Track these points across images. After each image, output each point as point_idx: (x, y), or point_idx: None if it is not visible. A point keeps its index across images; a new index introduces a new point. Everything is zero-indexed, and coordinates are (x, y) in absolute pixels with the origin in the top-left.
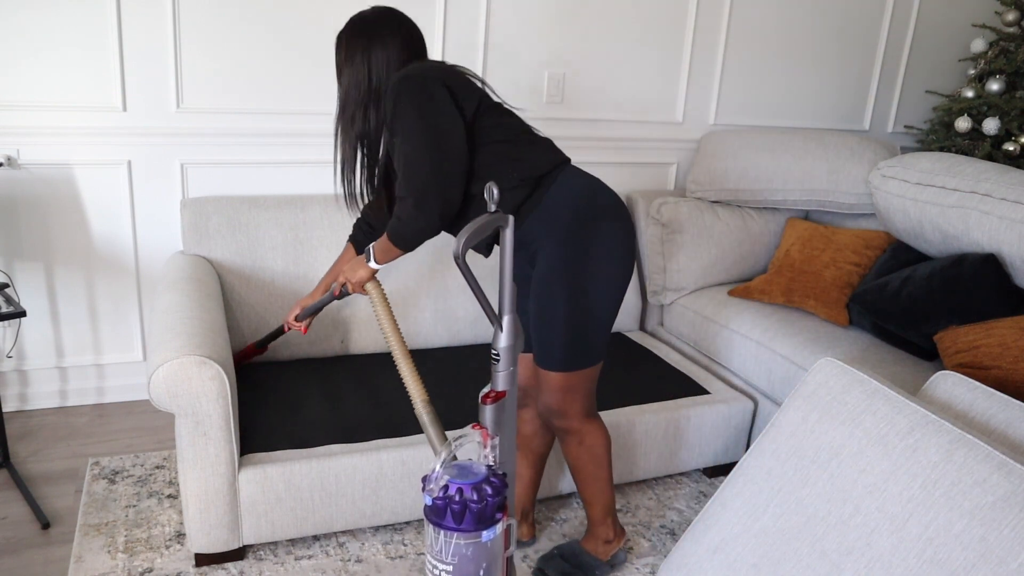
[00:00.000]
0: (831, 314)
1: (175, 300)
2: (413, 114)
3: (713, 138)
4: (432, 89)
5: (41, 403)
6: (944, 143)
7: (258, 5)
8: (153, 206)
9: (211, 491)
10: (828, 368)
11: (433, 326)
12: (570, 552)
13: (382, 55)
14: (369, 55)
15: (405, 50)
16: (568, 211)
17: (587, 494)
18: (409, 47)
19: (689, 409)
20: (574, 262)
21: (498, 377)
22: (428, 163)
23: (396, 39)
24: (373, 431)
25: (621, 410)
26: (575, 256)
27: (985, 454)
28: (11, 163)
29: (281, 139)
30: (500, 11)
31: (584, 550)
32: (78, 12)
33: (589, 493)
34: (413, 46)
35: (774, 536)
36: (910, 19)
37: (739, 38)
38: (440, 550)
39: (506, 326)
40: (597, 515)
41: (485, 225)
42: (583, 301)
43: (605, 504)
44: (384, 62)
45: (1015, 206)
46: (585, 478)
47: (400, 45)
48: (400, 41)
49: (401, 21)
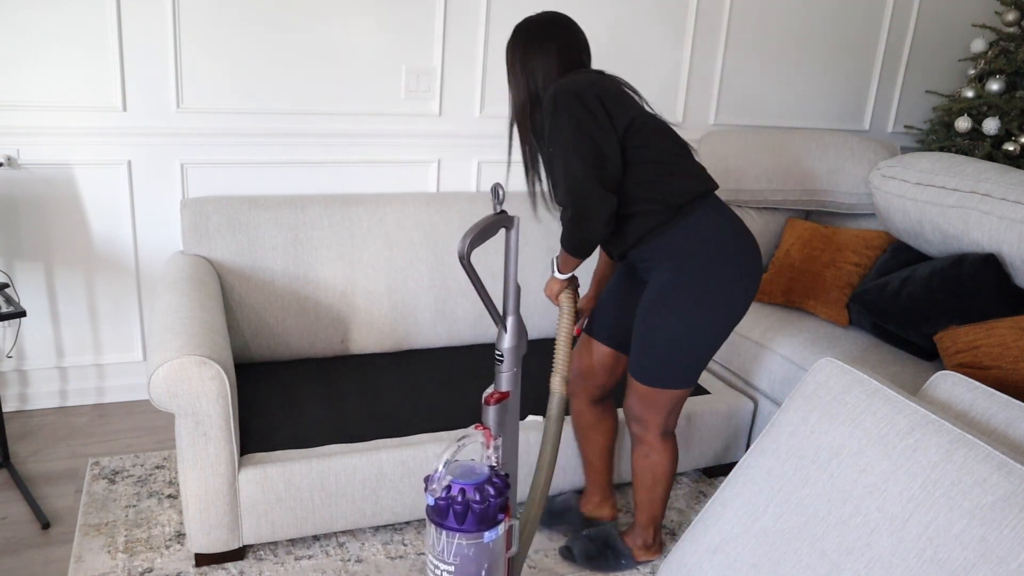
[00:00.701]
0: (831, 314)
1: (175, 300)
2: (569, 127)
3: (713, 138)
4: (588, 102)
5: (41, 403)
6: (944, 143)
7: (258, 5)
8: (153, 206)
9: (211, 491)
10: (828, 368)
11: (433, 326)
12: (601, 535)
13: (541, 62)
14: (527, 62)
15: (564, 58)
16: (697, 245)
17: (639, 499)
18: (568, 55)
19: (689, 409)
20: (688, 290)
21: (502, 378)
22: (585, 177)
23: (554, 46)
24: (373, 431)
25: (621, 410)
26: (692, 286)
27: (985, 454)
28: (11, 163)
29: (281, 139)
30: (500, 11)
31: (620, 537)
32: (78, 12)
33: (640, 499)
34: (573, 54)
35: (774, 536)
36: (910, 19)
37: (739, 38)
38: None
39: (510, 327)
40: (642, 520)
41: (490, 226)
42: (687, 329)
43: (653, 515)
44: (542, 70)
45: (1015, 206)
46: (641, 486)
47: (558, 53)
48: (557, 48)
49: (563, 28)
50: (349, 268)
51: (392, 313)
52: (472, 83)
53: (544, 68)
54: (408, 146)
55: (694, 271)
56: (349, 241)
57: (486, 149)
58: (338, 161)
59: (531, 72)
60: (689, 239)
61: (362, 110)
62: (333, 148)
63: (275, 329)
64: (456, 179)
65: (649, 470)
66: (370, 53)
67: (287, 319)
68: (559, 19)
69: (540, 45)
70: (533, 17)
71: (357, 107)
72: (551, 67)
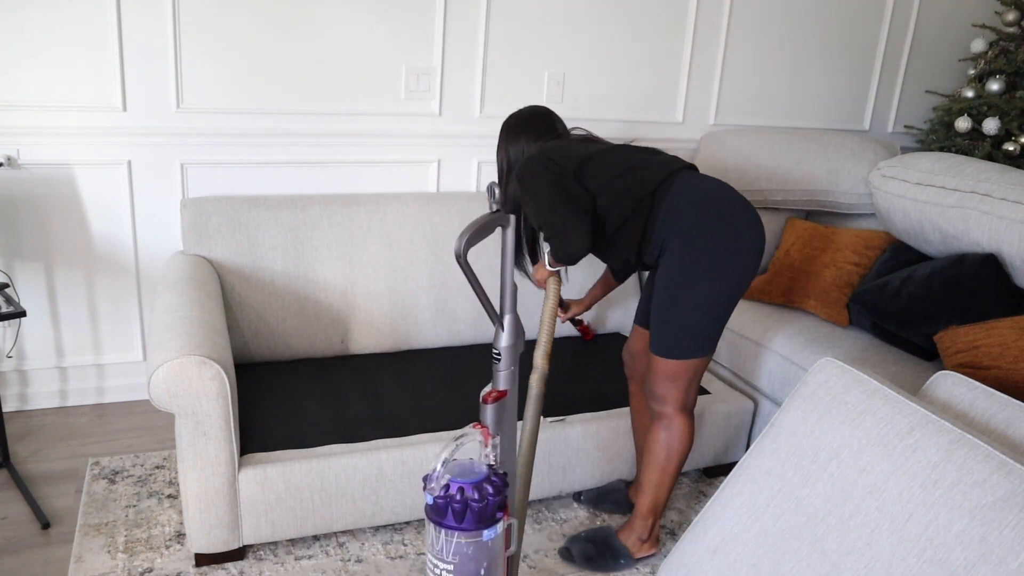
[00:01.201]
0: (831, 314)
1: (175, 300)
2: (535, 183)
3: (713, 138)
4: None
5: (41, 403)
6: (944, 143)
7: (259, 5)
8: (153, 206)
9: (211, 491)
10: (828, 368)
11: (433, 326)
12: (600, 536)
13: (519, 149)
14: (509, 149)
15: (536, 143)
16: (689, 214)
17: (644, 480)
18: (540, 139)
19: None
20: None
21: (499, 376)
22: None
23: (531, 135)
24: (373, 431)
25: (622, 410)
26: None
27: (985, 454)
28: (11, 163)
29: (281, 139)
30: (500, 11)
31: (617, 537)
32: (78, 12)
33: (647, 480)
34: (544, 137)
35: (774, 536)
36: (910, 19)
37: (739, 38)
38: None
39: (507, 325)
40: (643, 508)
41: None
42: (701, 296)
43: (655, 501)
44: (519, 154)
45: (1015, 206)
46: (651, 463)
47: (534, 140)
48: (533, 137)
49: (537, 119)
50: (349, 268)
51: (392, 313)
52: (472, 83)
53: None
54: (408, 146)
55: (691, 240)
56: (349, 241)
57: (486, 149)
58: (338, 161)
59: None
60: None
61: (362, 110)
62: (333, 148)
63: (275, 329)
64: (456, 179)
65: (664, 446)
66: (370, 53)
67: (287, 319)
68: (538, 112)
69: (519, 135)
70: (518, 112)
71: (357, 107)
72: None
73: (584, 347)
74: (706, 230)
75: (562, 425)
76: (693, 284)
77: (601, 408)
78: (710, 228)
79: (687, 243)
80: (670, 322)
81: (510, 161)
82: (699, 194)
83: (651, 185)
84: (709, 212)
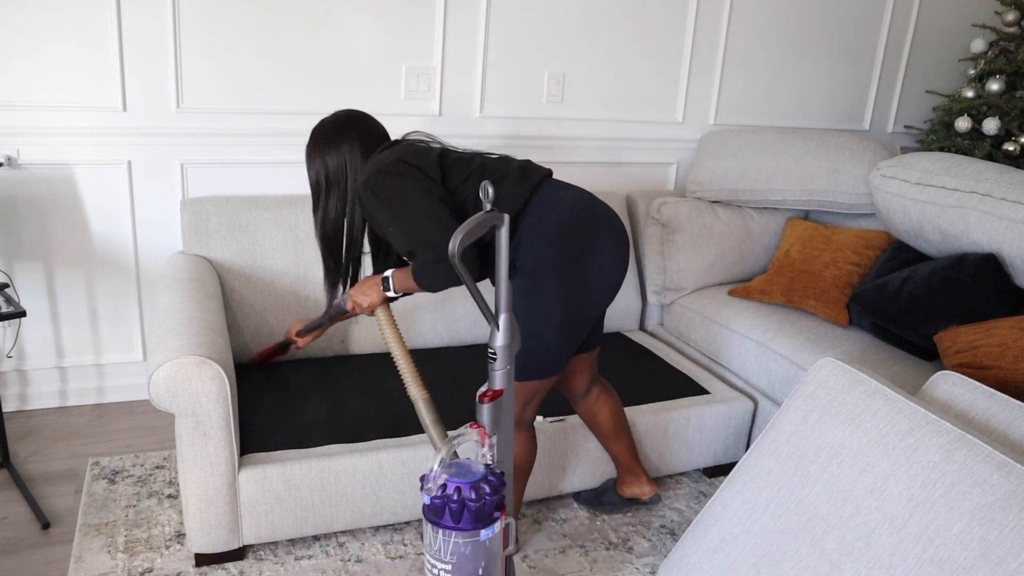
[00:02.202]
0: (831, 314)
1: (175, 300)
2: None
3: (713, 138)
4: (397, 170)
5: (41, 403)
6: (944, 143)
7: (259, 5)
8: (153, 206)
9: (211, 491)
10: (828, 368)
11: (433, 326)
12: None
13: (342, 158)
14: (327, 160)
15: (365, 148)
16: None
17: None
18: (368, 144)
19: (689, 409)
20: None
21: (495, 376)
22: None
23: (354, 141)
24: (373, 431)
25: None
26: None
27: (985, 454)
28: (11, 163)
29: (281, 139)
30: (500, 11)
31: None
32: (78, 12)
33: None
34: (372, 141)
35: (774, 536)
36: (910, 19)
37: (739, 38)
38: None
39: (502, 325)
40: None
41: (481, 223)
42: (532, 325)
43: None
44: (345, 164)
45: (1015, 206)
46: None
47: (359, 145)
48: (358, 142)
49: (356, 123)
50: None
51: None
52: (472, 83)
53: (346, 162)
54: None
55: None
56: None
57: (487, 149)
58: None
59: (331, 166)
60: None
61: (362, 110)
62: None
63: (275, 329)
64: None
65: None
66: (370, 53)
67: (287, 319)
68: (354, 115)
69: (340, 141)
70: (329, 118)
71: (357, 107)
72: (354, 159)
73: None
74: (554, 261)
75: (561, 425)
76: (531, 310)
77: None
78: (559, 258)
79: (534, 272)
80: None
81: (328, 173)
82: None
83: (516, 205)
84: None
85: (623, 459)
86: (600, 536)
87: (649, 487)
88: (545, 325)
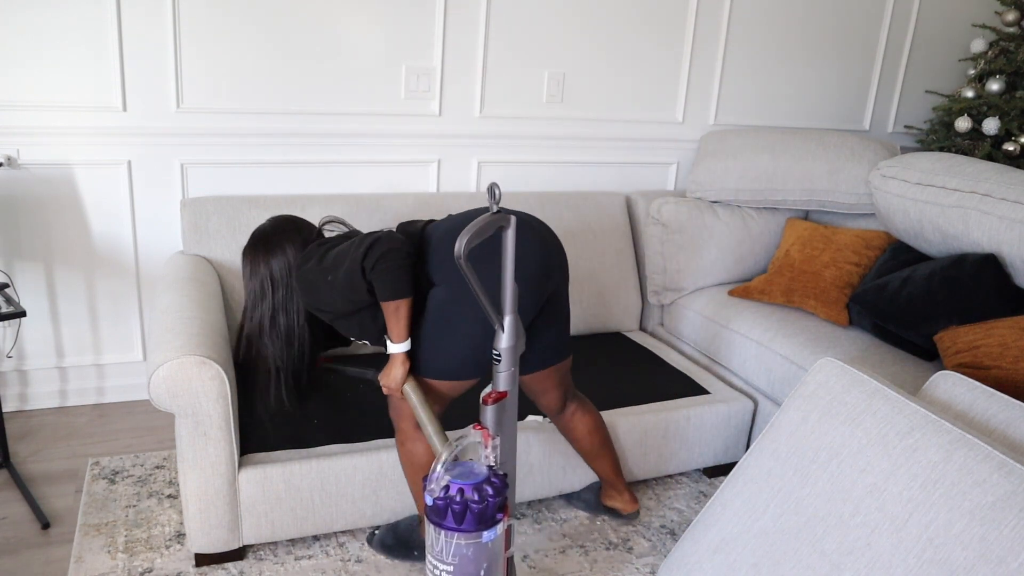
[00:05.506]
0: (831, 314)
1: (175, 300)
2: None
3: (713, 138)
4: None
5: (41, 403)
6: (944, 143)
7: (259, 5)
8: (153, 206)
9: (211, 491)
10: (828, 368)
11: None
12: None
13: (282, 260)
14: (269, 264)
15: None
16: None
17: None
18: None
19: (689, 409)
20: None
21: (499, 377)
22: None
23: (293, 242)
24: (373, 431)
25: (621, 410)
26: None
27: (985, 454)
28: (11, 163)
29: (281, 139)
30: (500, 11)
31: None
32: (78, 12)
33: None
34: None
35: (774, 536)
36: (910, 19)
37: (739, 38)
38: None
39: (507, 326)
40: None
41: (487, 225)
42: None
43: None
44: (285, 266)
45: (1015, 206)
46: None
47: (296, 250)
48: (296, 246)
49: (292, 225)
50: None
51: None
52: (472, 83)
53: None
54: (408, 146)
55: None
56: None
57: (486, 149)
58: (338, 161)
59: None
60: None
61: (362, 110)
62: (333, 148)
63: None
64: (456, 179)
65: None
66: (370, 53)
67: None
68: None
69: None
70: (266, 224)
71: (357, 107)
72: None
73: (583, 348)
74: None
75: None
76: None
77: (600, 409)
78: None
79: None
80: None
81: (274, 277)
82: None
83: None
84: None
85: (605, 475)
86: (600, 536)
87: (631, 504)
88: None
